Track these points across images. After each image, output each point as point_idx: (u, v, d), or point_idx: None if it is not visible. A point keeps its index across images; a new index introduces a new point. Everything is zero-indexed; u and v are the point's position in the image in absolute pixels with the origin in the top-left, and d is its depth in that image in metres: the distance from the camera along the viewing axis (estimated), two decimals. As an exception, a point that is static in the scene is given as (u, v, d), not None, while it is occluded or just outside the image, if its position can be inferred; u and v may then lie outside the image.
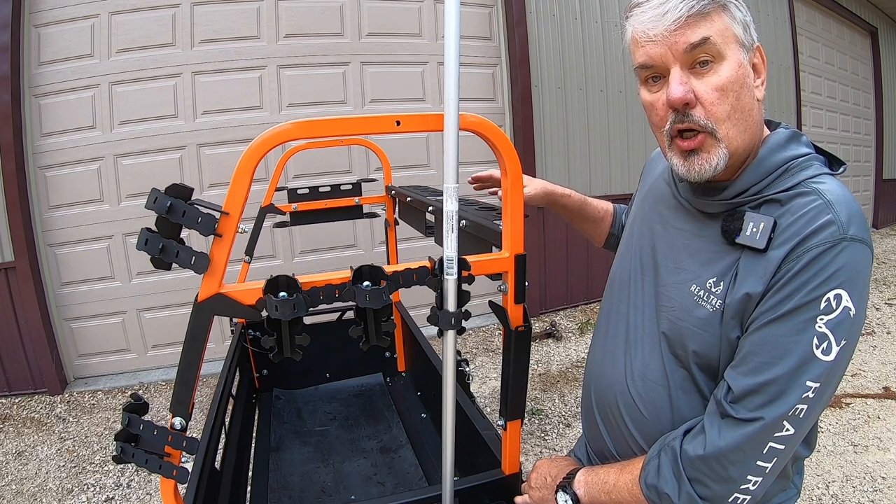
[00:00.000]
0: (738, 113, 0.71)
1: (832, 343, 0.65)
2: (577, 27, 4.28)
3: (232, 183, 0.72)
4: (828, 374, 0.66)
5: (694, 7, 0.69)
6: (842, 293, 0.64)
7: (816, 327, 0.65)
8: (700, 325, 0.76)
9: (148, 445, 0.78)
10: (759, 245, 0.69)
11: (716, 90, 0.70)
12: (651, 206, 0.93)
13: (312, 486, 1.74)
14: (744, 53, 0.71)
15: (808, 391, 0.66)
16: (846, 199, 0.68)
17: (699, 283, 0.77)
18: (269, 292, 0.75)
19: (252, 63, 3.54)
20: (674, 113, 0.73)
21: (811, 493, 2.12)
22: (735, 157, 0.74)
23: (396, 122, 0.77)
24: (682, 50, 0.70)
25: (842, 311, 0.65)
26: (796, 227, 0.68)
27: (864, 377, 3.09)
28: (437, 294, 0.85)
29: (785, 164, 0.73)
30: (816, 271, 0.65)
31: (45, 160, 3.32)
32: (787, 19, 6.06)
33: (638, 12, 0.74)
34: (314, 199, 2.23)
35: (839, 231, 0.65)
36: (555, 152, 4.27)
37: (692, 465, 0.72)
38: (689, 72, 0.71)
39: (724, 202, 0.76)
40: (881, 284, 5.05)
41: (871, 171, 7.96)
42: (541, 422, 2.78)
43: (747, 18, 0.72)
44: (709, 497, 0.72)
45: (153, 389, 3.36)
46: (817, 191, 0.69)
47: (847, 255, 0.65)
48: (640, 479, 0.78)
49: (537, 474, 0.98)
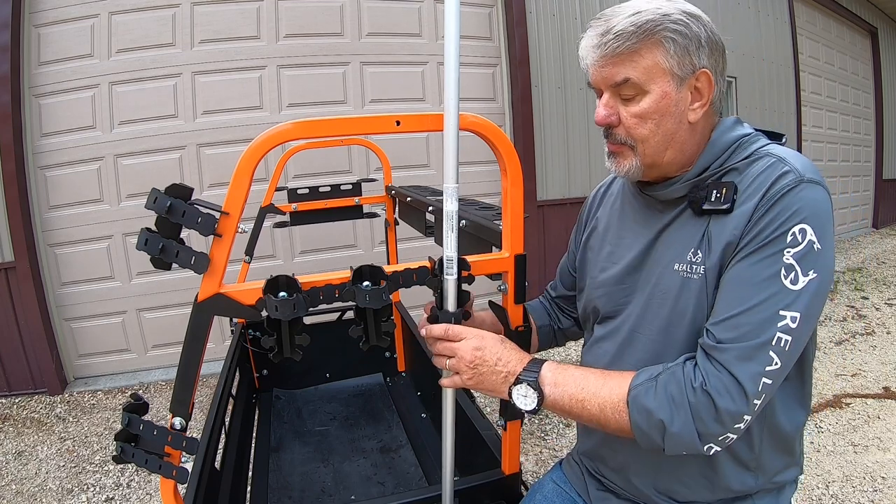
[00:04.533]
0: (657, 136, 0.80)
1: (799, 273, 0.70)
2: (577, 27, 4.28)
3: (232, 183, 0.72)
4: (801, 304, 0.70)
5: (620, 47, 0.76)
6: (806, 227, 0.71)
7: (784, 259, 0.71)
8: (694, 296, 0.79)
9: (148, 445, 0.78)
10: (724, 206, 0.76)
11: (635, 117, 0.80)
12: (618, 224, 0.97)
13: (312, 486, 1.74)
14: (674, 84, 0.78)
15: (785, 320, 0.70)
16: (797, 155, 0.77)
17: (681, 261, 0.81)
18: (269, 292, 0.75)
19: (252, 63, 3.54)
20: (602, 126, 0.84)
21: (811, 493, 2.12)
22: (662, 164, 0.82)
23: (396, 122, 0.77)
24: (608, 84, 0.80)
25: (807, 244, 0.70)
26: (758, 182, 0.75)
27: (864, 377, 3.09)
28: (437, 294, 0.85)
29: (736, 141, 0.81)
30: (780, 210, 0.71)
31: (45, 160, 3.32)
32: (787, 19, 6.06)
33: (585, 35, 0.83)
34: (314, 199, 2.23)
35: (797, 176, 0.73)
36: (555, 152, 4.27)
37: (695, 395, 0.72)
38: (617, 97, 0.81)
39: (689, 182, 0.82)
40: (881, 284, 5.05)
41: (871, 171, 7.96)
42: (541, 422, 2.78)
43: (691, 45, 0.77)
44: (703, 433, 0.72)
45: (153, 389, 3.36)
46: (769, 153, 0.78)
47: (807, 194, 0.72)
48: (628, 396, 0.76)
49: (479, 352, 0.81)
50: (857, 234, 7.68)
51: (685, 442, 0.73)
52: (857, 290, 4.86)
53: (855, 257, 6.28)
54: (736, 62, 5.61)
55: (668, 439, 0.73)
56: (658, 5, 0.77)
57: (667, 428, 0.72)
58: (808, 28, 6.53)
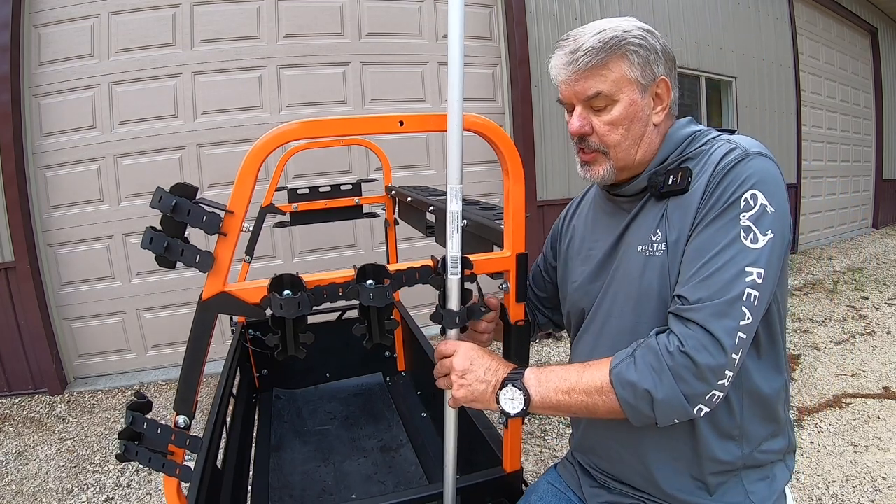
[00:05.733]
0: (628, 140, 0.87)
1: (757, 234, 0.76)
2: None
3: (236, 182, 0.72)
4: (763, 260, 0.75)
5: (590, 62, 0.84)
6: (757, 192, 0.76)
7: (741, 223, 0.76)
8: (657, 271, 0.84)
9: (151, 444, 0.78)
10: (681, 187, 0.83)
11: (607, 124, 0.87)
12: (591, 229, 1.03)
13: (313, 485, 1.74)
14: (639, 92, 0.86)
15: (751, 276, 0.75)
16: (746, 138, 0.84)
17: (643, 242, 0.87)
18: (273, 291, 0.75)
19: (252, 63, 3.54)
20: (576, 137, 0.91)
21: (811, 493, 2.12)
22: (633, 164, 0.90)
23: (400, 122, 0.77)
24: (581, 98, 0.87)
25: (759, 208, 0.76)
26: (709, 161, 0.82)
27: (864, 377, 3.09)
28: (440, 292, 0.85)
29: (690, 135, 0.90)
30: (731, 181, 0.78)
31: (45, 160, 3.32)
32: (787, 19, 6.07)
33: (555, 55, 0.89)
34: (314, 199, 2.24)
35: (743, 151, 0.80)
36: (555, 152, 4.27)
37: (673, 358, 0.74)
38: (589, 109, 0.88)
39: (649, 172, 0.89)
40: (881, 284, 5.05)
41: (871, 171, 7.97)
42: (541, 422, 2.78)
43: (650, 56, 0.85)
44: (689, 394, 0.74)
45: (153, 389, 3.36)
46: (719, 138, 0.86)
47: (754, 163, 0.78)
48: (610, 375, 0.78)
49: (468, 362, 0.85)
50: (857, 234, 7.69)
51: (674, 406, 0.74)
52: (857, 290, 4.87)
53: (855, 257, 6.29)
54: (736, 62, 5.61)
55: (658, 407, 0.74)
56: (618, 24, 0.86)
57: (654, 396, 0.74)
58: (808, 28, 6.54)
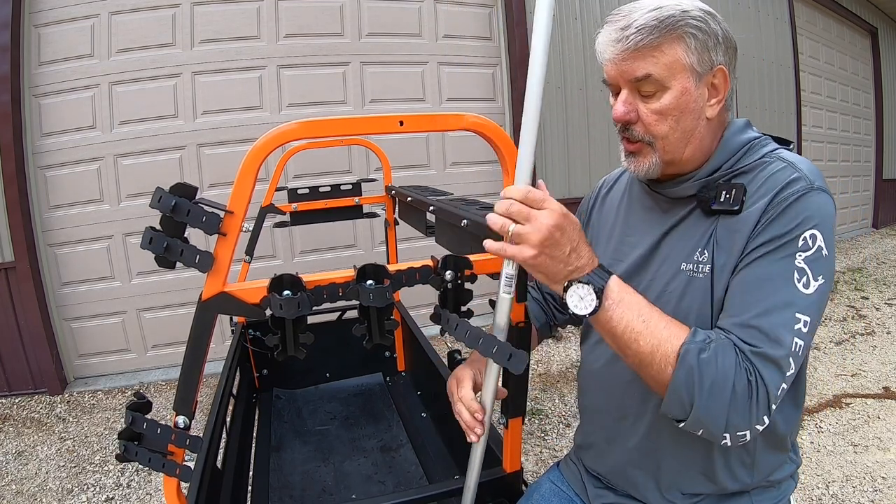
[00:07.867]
0: (676, 133, 0.80)
1: (810, 278, 0.71)
2: (577, 27, 4.29)
3: (236, 182, 0.72)
4: (812, 309, 0.71)
5: (642, 41, 0.76)
6: (816, 233, 0.72)
7: (796, 263, 0.71)
8: (699, 294, 0.80)
9: (151, 444, 0.78)
10: (734, 207, 0.77)
11: (655, 113, 0.79)
12: (623, 222, 0.97)
13: (313, 486, 1.74)
14: (693, 80, 0.78)
15: (799, 324, 0.71)
16: (805, 162, 0.78)
17: (688, 260, 0.82)
18: (273, 291, 0.75)
19: (252, 63, 3.53)
20: (619, 123, 0.83)
21: (811, 493, 2.12)
22: (681, 160, 0.82)
23: (399, 122, 0.77)
24: (627, 79, 0.79)
25: (816, 250, 0.72)
26: (769, 184, 0.76)
27: (864, 377, 3.09)
28: (440, 293, 0.85)
29: (747, 143, 0.83)
30: (793, 215, 0.72)
31: (45, 160, 3.32)
32: (787, 19, 6.07)
33: (603, 30, 0.81)
34: (314, 199, 2.23)
35: (807, 183, 0.74)
36: (555, 152, 4.27)
37: (742, 383, 0.68)
38: (636, 94, 0.80)
39: (699, 181, 0.83)
40: (881, 284, 5.05)
41: (871, 171, 7.96)
42: (541, 422, 2.78)
43: (710, 42, 0.77)
44: (731, 423, 0.69)
45: (153, 389, 3.36)
46: (780, 157, 0.79)
47: (817, 201, 0.73)
48: (680, 350, 0.70)
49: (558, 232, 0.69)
50: (857, 234, 7.68)
51: (712, 420, 0.69)
52: (857, 290, 4.86)
53: (855, 257, 6.28)
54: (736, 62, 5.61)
55: (698, 411, 0.69)
56: (677, 2, 0.77)
57: (704, 401, 0.68)
58: (808, 28, 6.54)
